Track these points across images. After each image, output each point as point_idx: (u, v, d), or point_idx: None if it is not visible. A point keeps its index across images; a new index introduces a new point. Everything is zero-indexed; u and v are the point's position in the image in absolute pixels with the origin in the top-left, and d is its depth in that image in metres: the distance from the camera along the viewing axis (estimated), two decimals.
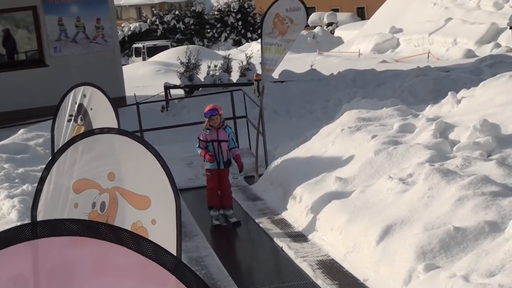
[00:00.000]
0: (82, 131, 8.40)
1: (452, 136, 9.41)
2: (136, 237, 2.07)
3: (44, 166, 4.81)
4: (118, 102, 9.66)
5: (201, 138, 9.85)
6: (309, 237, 8.56)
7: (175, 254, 3.85)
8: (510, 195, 6.94)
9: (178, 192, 4.74)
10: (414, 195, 7.54)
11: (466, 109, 10.43)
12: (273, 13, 12.40)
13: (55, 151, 6.62)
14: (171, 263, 2.00)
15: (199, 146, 9.84)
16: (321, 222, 8.52)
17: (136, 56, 45.84)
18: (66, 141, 6.81)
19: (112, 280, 2.07)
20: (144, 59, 43.18)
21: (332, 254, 7.79)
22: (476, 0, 35.70)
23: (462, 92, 11.39)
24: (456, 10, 35.69)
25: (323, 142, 11.10)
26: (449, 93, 11.24)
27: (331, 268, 7.44)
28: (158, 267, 2.03)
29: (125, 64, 34.34)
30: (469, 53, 31.02)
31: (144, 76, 32.77)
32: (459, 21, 34.23)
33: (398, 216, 7.26)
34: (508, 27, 31.53)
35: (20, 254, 2.04)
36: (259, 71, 13.73)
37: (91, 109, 8.74)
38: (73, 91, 8.73)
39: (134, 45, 47.48)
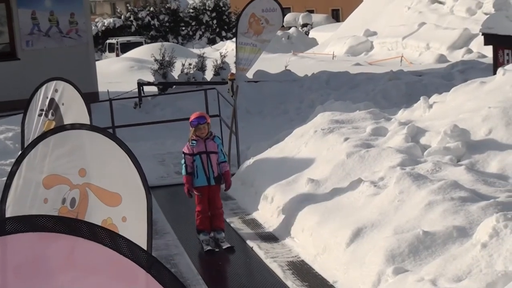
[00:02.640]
0: (52, 126, 8.32)
1: (423, 140, 9.48)
2: (111, 234, 2.05)
3: (13, 160, 4.77)
4: (90, 97, 9.58)
5: (186, 151, 8.60)
6: (280, 238, 8.56)
7: None
8: (478, 200, 7.01)
9: (149, 190, 4.72)
10: (385, 199, 7.58)
11: (437, 114, 10.52)
12: (249, 13, 12.39)
13: (25, 145, 6.56)
14: (147, 261, 1.99)
15: (184, 163, 8.61)
16: (292, 223, 8.53)
17: (109, 52, 45.59)
18: (36, 135, 6.75)
19: (83, 275, 2.05)
20: (117, 55, 42.95)
21: (303, 255, 7.80)
22: (449, 5, 36.00)
23: (434, 97, 11.49)
24: (430, 15, 35.99)
25: (296, 143, 11.12)
26: (421, 98, 11.33)
27: (301, 269, 7.45)
28: (133, 265, 2.02)
29: (98, 60, 34.14)
30: (441, 58, 31.33)
31: (117, 72, 32.59)
32: (432, 26, 34.53)
33: (368, 219, 7.30)
34: (480, 33, 31.86)
35: None
36: (234, 70, 13.72)
37: (63, 104, 8.66)
38: (44, 86, 8.64)
39: (108, 41, 47.22)
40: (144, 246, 4.61)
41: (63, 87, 8.49)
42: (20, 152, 5.48)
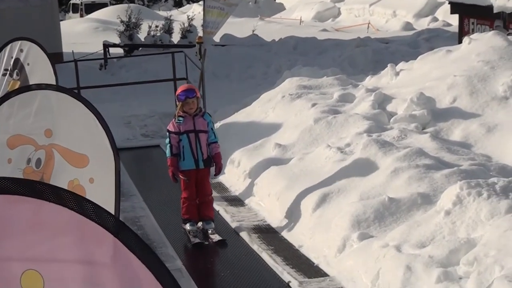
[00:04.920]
0: (17, 86, 8.21)
1: (389, 107, 9.55)
2: (78, 198, 2.03)
3: None
4: (55, 58, 9.41)
5: (172, 129, 7.55)
6: (246, 202, 8.59)
7: (113, 213, 3.81)
8: (443, 168, 7.09)
9: (117, 152, 4.69)
10: (352, 165, 7.63)
11: (404, 82, 10.58)
12: None
13: None
14: (114, 226, 1.98)
15: (169, 143, 7.58)
16: (258, 187, 8.56)
17: (73, 13, 44.90)
18: (0, 95, 6.64)
19: (49, 236, 2.04)
20: (81, 16, 42.31)
21: (269, 220, 7.84)
22: None
23: (401, 65, 11.55)
24: None
25: (264, 108, 11.12)
26: (389, 65, 11.38)
27: (267, 233, 7.49)
28: (100, 228, 2.00)
29: (62, 20, 33.56)
30: (407, 26, 31.50)
31: (81, 33, 32.17)
32: None
33: (335, 185, 7.35)
34: (447, 1, 32.02)
35: None
36: (201, 34, 13.60)
37: (28, 64, 8.55)
38: (9, 45, 8.51)
39: (72, 1, 46.41)
40: (112, 208, 4.59)
41: (29, 47, 8.36)
42: None
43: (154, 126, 13.72)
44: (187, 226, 7.58)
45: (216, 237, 7.43)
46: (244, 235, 7.46)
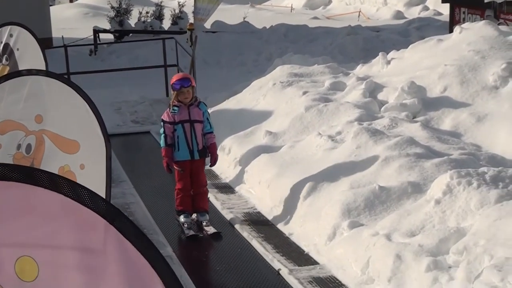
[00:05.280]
0: (7, 71, 8.17)
1: (380, 96, 9.56)
2: (72, 184, 2.02)
3: None
4: (44, 43, 9.36)
5: (166, 119, 7.36)
6: (237, 189, 8.59)
7: None
8: (433, 157, 7.11)
9: (108, 138, 4.67)
10: (342, 153, 7.64)
11: (395, 70, 10.59)
12: None
13: None
14: (110, 213, 1.97)
15: (163, 133, 7.39)
16: (249, 175, 8.56)
17: None
18: None
19: (40, 222, 2.03)
20: (71, 1, 42.05)
21: (259, 207, 7.85)
22: None
23: (392, 53, 11.56)
24: None
25: (254, 95, 11.11)
26: (380, 54, 11.39)
27: (257, 220, 7.50)
28: (94, 215, 2.00)
29: (51, 5, 33.36)
30: (398, 15, 31.54)
31: (71, 19, 32.00)
32: None
33: (325, 173, 7.36)
34: None
35: None
36: (192, 20, 13.56)
37: (18, 49, 8.49)
38: None
39: None
40: (103, 194, 4.58)
41: (18, 32, 8.30)
42: None
43: (144, 112, 13.69)
44: (181, 218, 7.40)
45: (211, 230, 7.27)
46: (234, 222, 7.46)
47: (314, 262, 6.29)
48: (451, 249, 5.41)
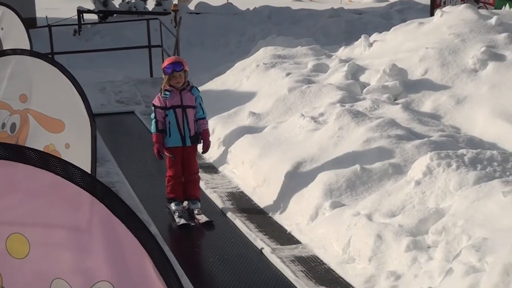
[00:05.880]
0: None
1: (362, 78, 9.64)
2: (63, 162, 2.05)
3: None
4: (28, 23, 9.33)
5: (157, 104, 7.12)
6: (220, 169, 8.66)
7: None
8: (413, 139, 7.20)
9: (94, 117, 4.70)
10: (325, 134, 7.72)
11: (377, 53, 10.66)
12: None
13: None
14: (99, 190, 2.01)
15: (154, 118, 7.16)
16: (232, 155, 8.63)
17: None
18: None
19: (27, 199, 2.06)
20: None
21: (242, 187, 7.92)
22: None
23: (374, 36, 11.62)
24: None
25: (238, 77, 11.15)
26: (362, 36, 11.45)
27: (240, 200, 7.57)
28: (84, 193, 2.02)
29: None
30: None
31: None
32: None
33: (308, 154, 7.44)
34: None
35: None
36: (176, 1, 13.54)
37: (2, 28, 8.48)
38: None
39: None
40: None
41: (3, 12, 8.29)
42: None
43: (128, 92, 13.69)
44: (172, 206, 7.21)
45: (202, 218, 7.10)
46: (217, 202, 7.53)
47: (296, 242, 6.37)
48: (430, 229, 5.50)
